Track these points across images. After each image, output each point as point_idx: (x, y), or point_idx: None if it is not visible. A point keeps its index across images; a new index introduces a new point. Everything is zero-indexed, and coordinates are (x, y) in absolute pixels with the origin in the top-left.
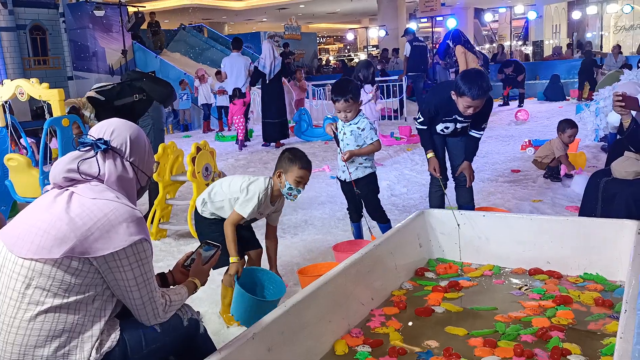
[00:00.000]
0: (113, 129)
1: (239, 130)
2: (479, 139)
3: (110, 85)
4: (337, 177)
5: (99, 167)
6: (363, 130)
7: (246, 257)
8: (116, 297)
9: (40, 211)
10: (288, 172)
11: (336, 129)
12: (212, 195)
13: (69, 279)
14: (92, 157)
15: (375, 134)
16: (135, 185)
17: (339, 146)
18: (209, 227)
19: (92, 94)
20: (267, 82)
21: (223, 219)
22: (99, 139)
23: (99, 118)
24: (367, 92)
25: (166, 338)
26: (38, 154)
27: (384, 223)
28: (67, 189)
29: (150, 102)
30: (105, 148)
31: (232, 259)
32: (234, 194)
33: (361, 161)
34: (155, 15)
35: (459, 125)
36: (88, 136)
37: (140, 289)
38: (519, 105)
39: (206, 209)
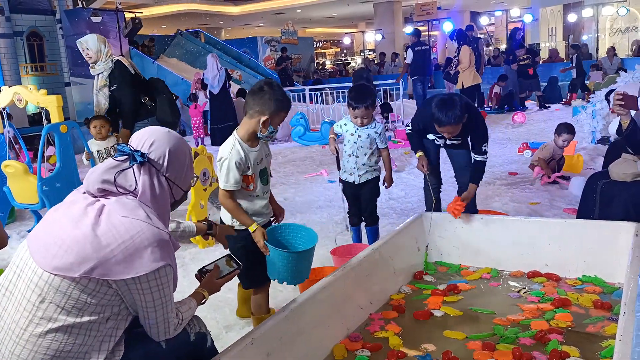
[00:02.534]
0: (153, 140)
1: (196, 131)
2: (484, 162)
3: (139, 76)
4: (341, 179)
5: (135, 181)
6: (380, 134)
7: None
8: (132, 313)
9: (68, 222)
10: (275, 117)
11: (338, 147)
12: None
13: (85, 299)
14: (128, 168)
15: (387, 139)
16: (168, 201)
17: (339, 169)
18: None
19: (125, 62)
20: (216, 94)
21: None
22: (137, 151)
23: (116, 84)
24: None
25: (171, 354)
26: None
27: (374, 225)
28: (99, 200)
29: (151, 115)
30: (142, 161)
31: (250, 229)
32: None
33: (371, 164)
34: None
35: (448, 142)
36: (127, 145)
37: (157, 311)
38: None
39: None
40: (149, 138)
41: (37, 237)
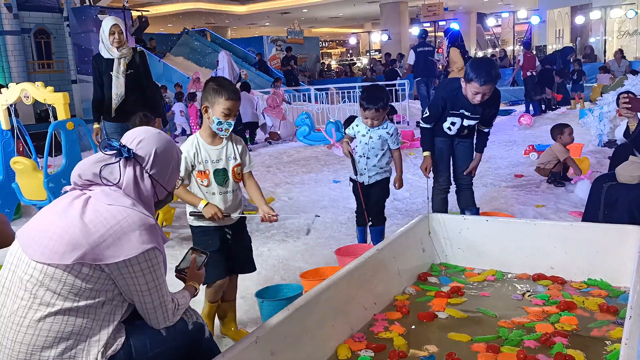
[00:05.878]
0: (142, 139)
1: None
2: (489, 132)
3: None
4: (352, 179)
5: (120, 174)
6: (392, 135)
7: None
8: (127, 300)
9: (56, 215)
10: (214, 104)
11: (352, 150)
12: None
13: (80, 284)
14: (115, 162)
15: (399, 140)
16: (152, 198)
17: (354, 167)
18: (196, 237)
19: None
20: None
21: (208, 227)
22: (124, 146)
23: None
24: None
25: (171, 342)
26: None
27: (380, 225)
28: (85, 193)
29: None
30: (128, 156)
31: (202, 202)
32: None
33: (382, 165)
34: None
35: (465, 122)
36: (116, 141)
37: (152, 294)
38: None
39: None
40: (138, 136)
41: (26, 233)
